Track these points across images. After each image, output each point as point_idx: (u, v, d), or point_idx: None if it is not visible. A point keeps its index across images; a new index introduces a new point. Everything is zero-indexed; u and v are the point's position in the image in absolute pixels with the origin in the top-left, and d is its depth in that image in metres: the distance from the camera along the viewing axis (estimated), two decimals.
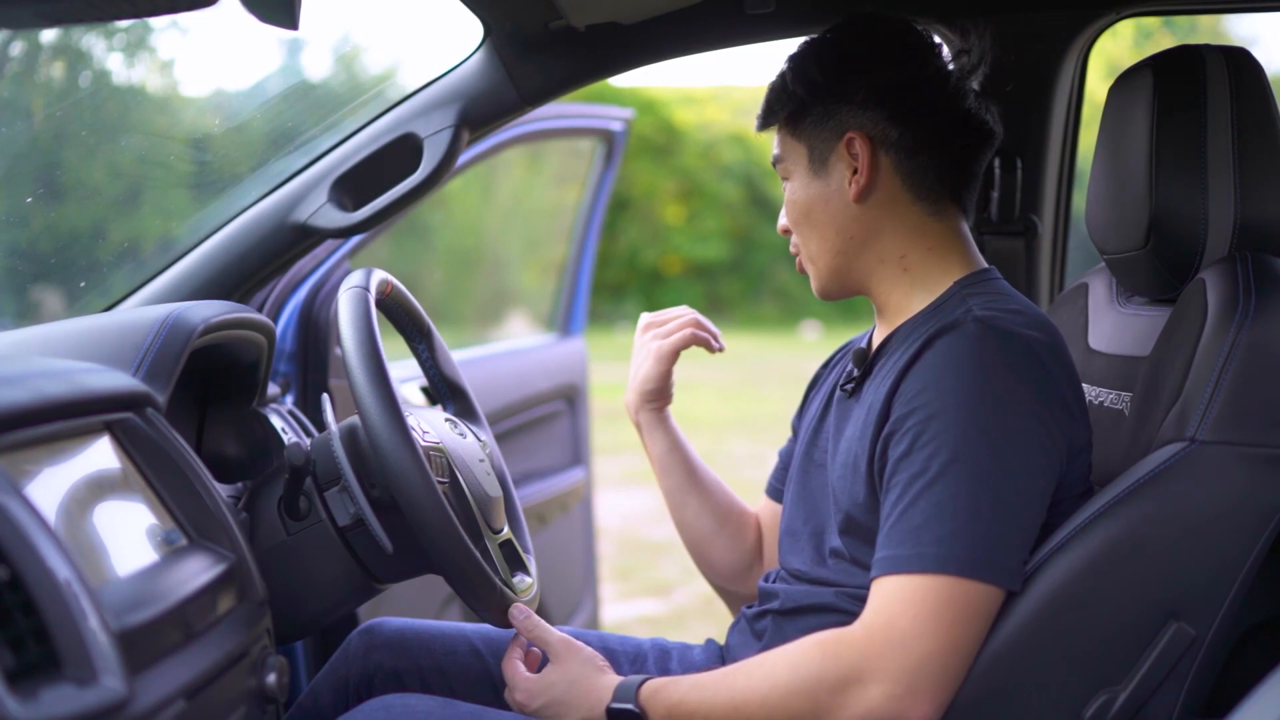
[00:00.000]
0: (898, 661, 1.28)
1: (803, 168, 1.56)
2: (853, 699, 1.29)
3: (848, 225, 1.54)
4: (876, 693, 1.28)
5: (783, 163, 1.60)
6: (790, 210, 1.59)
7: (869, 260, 1.54)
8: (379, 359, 1.41)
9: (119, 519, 1.20)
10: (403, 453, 1.36)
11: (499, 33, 1.81)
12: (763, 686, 1.35)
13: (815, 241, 1.57)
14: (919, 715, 1.28)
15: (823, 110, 1.54)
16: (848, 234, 1.54)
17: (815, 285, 1.61)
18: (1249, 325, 1.30)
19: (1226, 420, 1.29)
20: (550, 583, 3.06)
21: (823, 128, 1.54)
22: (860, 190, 1.51)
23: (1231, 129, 1.44)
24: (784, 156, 1.59)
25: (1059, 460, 1.36)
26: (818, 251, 1.57)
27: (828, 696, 1.30)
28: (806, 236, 1.58)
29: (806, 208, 1.56)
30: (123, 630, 1.00)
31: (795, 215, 1.58)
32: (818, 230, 1.56)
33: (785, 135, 1.59)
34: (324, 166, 1.91)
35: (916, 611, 1.29)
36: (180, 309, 1.48)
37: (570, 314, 3.46)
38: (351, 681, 1.66)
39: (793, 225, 1.59)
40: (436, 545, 1.37)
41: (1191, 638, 1.28)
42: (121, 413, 1.27)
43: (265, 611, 1.32)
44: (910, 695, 1.27)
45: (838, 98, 1.53)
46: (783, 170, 1.60)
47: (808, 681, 1.32)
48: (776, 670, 1.35)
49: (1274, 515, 1.29)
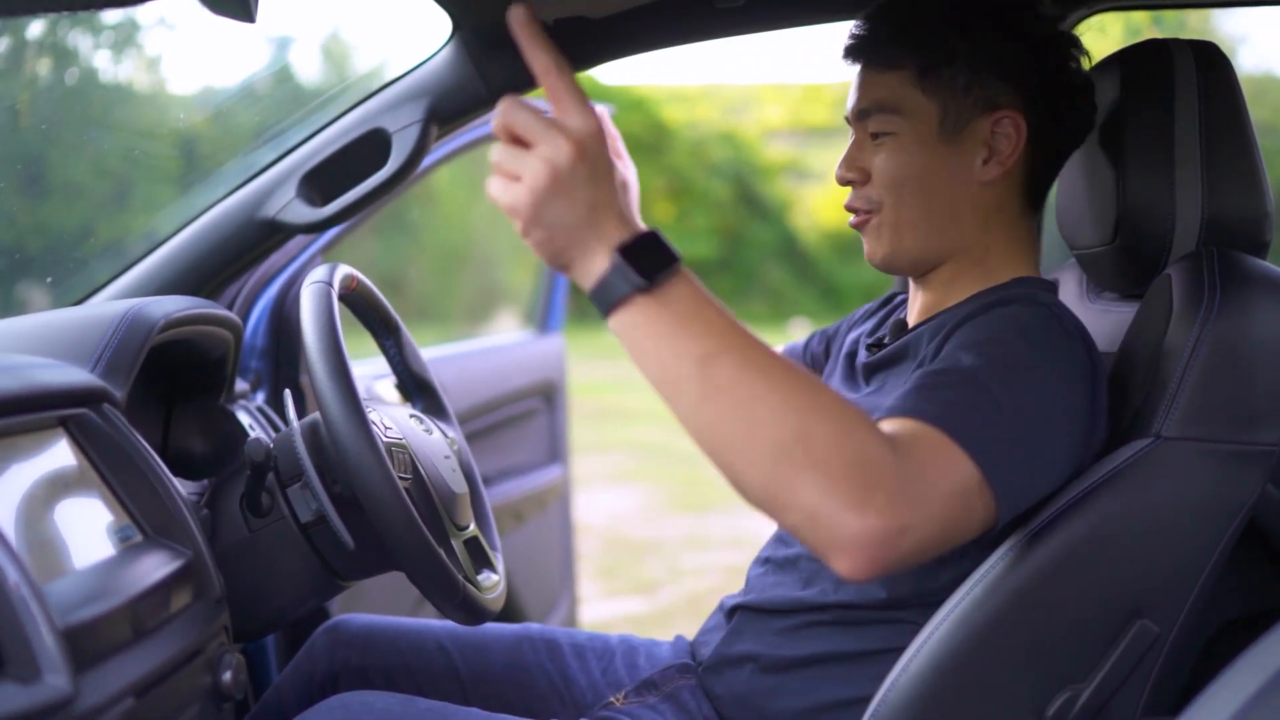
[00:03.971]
0: (907, 513, 1.03)
1: (928, 128, 1.41)
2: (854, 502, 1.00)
3: (961, 204, 1.43)
4: (876, 514, 1.00)
5: (888, 113, 1.42)
6: (896, 169, 1.42)
7: (960, 244, 1.45)
8: (340, 354, 1.40)
9: (73, 515, 1.19)
10: (362, 448, 1.35)
11: (467, 27, 1.80)
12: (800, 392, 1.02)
13: (916, 210, 1.43)
14: (863, 562, 1.01)
15: (971, 73, 1.40)
16: (956, 213, 1.43)
17: (885, 253, 1.46)
18: (1213, 321, 1.29)
19: (1191, 416, 1.28)
20: (527, 581, 3.05)
21: (968, 92, 1.40)
22: (999, 175, 1.41)
23: (1199, 124, 1.43)
24: (898, 106, 1.41)
25: (1080, 446, 1.27)
26: (914, 221, 1.43)
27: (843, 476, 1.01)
28: (905, 202, 1.43)
29: (921, 173, 1.41)
30: (69, 627, 0.99)
31: (900, 178, 1.42)
32: (925, 200, 1.42)
33: (908, 84, 1.41)
34: (292, 161, 1.90)
35: (940, 477, 1.09)
36: (140, 304, 1.47)
37: (548, 311, 3.45)
38: (316, 679, 1.65)
39: (890, 187, 1.43)
40: (397, 541, 1.36)
41: (1155, 635, 1.27)
42: (77, 408, 1.26)
43: (223, 609, 1.31)
44: (881, 537, 1.01)
45: (993, 67, 1.40)
46: (884, 123, 1.42)
47: (848, 444, 1.02)
48: (825, 399, 1.03)
49: (1238, 512, 1.28)
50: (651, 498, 7.03)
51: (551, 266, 1.08)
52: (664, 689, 1.53)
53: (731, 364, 1.01)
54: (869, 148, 1.45)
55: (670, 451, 8.30)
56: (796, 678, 1.44)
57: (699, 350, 1.01)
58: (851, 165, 1.46)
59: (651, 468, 7.87)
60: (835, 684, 1.42)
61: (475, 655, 1.67)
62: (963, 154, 1.42)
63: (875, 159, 1.44)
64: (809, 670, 1.43)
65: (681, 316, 1.02)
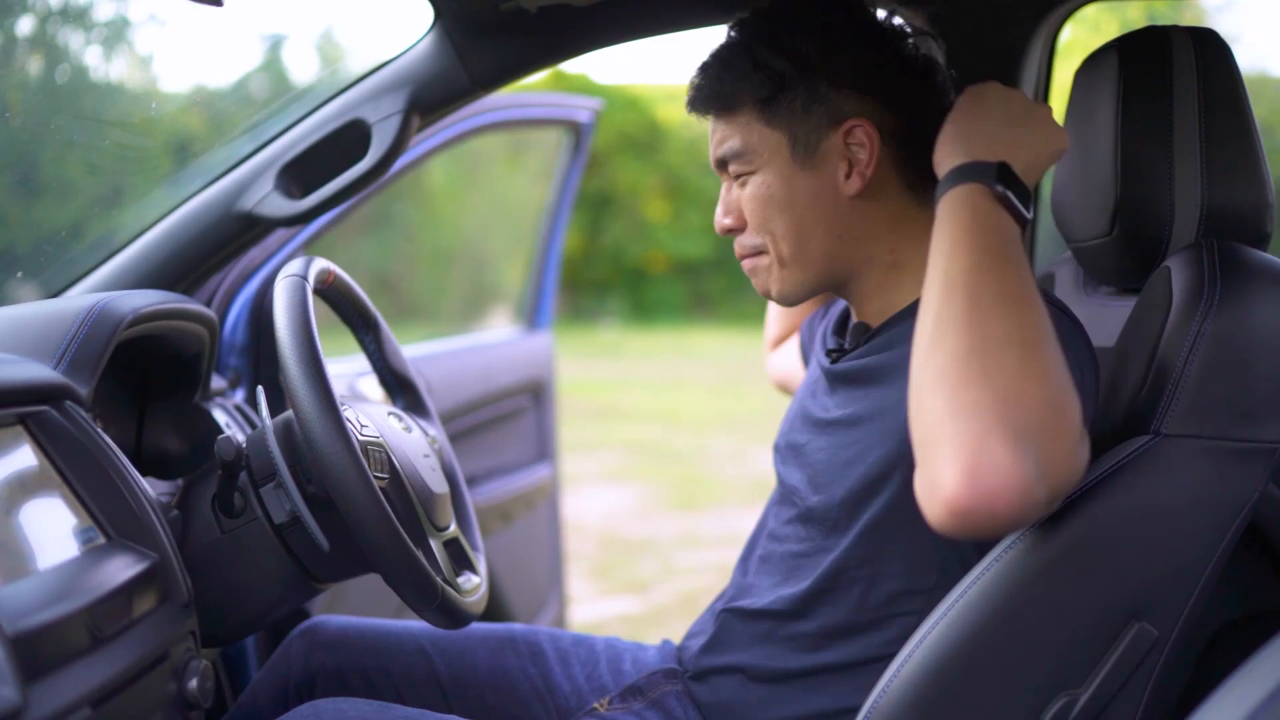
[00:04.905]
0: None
1: (781, 159, 1.40)
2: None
3: (840, 222, 1.41)
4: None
5: (744, 157, 1.42)
6: (760, 208, 1.41)
7: (858, 258, 1.42)
8: (313, 348, 1.35)
9: (34, 517, 1.15)
10: (336, 447, 1.31)
11: (449, 15, 1.76)
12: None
13: (794, 242, 1.41)
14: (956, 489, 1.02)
15: (808, 93, 1.39)
16: (838, 232, 1.41)
17: (781, 289, 1.45)
18: (1214, 314, 1.25)
19: (1191, 413, 1.24)
20: (515, 581, 3.01)
21: (809, 113, 1.39)
22: (864, 184, 1.39)
23: (1199, 112, 1.39)
24: (747, 149, 1.42)
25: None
26: (797, 252, 1.42)
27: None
28: (782, 236, 1.41)
29: (786, 204, 1.40)
30: (19, 634, 0.94)
31: (767, 213, 1.41)
32: (800, 229, 1.41)
33: (752, 121, 1.41)
34: (270, 153, 1.86)
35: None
36: (108, 298, 1.42)
37: (537, 308, 3.41)
38: (292, 682, 1.61)
39: (761, 225, 1.42)
40: (372, 542, 1.32)
41: (1154, 638, 1.23)
42: (38, 406, 1.22)
43: (190, 613, 1.26)
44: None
45: (829, 79, 1.39)
46: (741, 165, 1.43)
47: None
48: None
49: (1240, 511, 1.24)
50: (644, 497, 6.99)
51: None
52: (650, 695, 1.49)
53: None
54: (737, 192, 1.45)
55: (664, 451, 8.26)
56: (786, 688, 1.40)
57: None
58: (726, 212, 1.47)
59: (645, 467, 7.82)
60: (825, 692, 1.38)
61: (457, 658, 1.63)
62: (823, 175, 1.40)
63: (743, 204, 1.44)
64: (798, 681, 1.39)
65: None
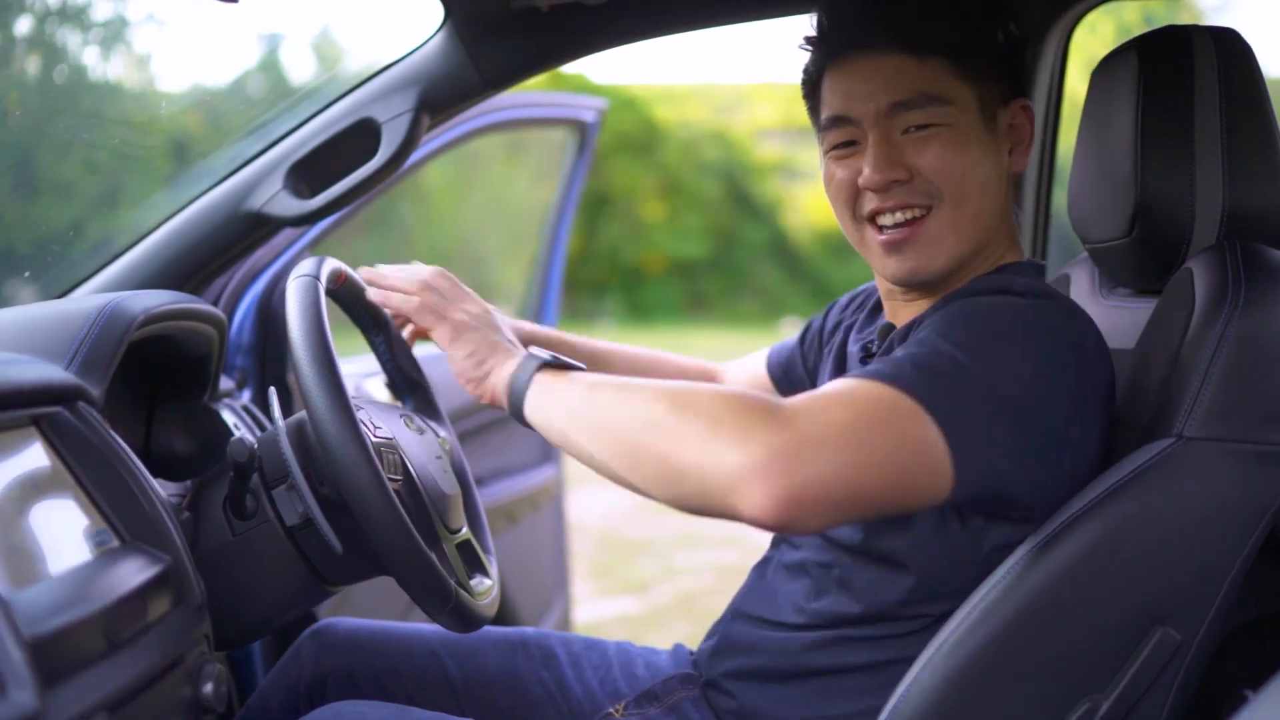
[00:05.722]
0: (800, 430, 1.07)
1: (972, 116, 1.34)
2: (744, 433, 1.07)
3: (999, 198, 1.38)
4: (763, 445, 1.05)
5: (937, 104, 1.33)
6: (952, 165, 1.33)
7: (985, 241, 1.39)
8: (327, 349, 1.34)
9: (47, 520, 1.13)
10: (350, 448, 1.29)
11: (460, 14, 1.75)
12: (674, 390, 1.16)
13: (975, 202, 1.35)
14: (761, 491, 1.05)
15: (997, 62, 1.36)
16: (995, 208, 1.37)
17: (943, 263, 1.36)
18: (1238, 316, 1.24)
19: (1215, 416, 1.23)
20: (520, 583, 3.00)
21: (991, 82, 1.36)
22: (1024, 164, 1.40)
23: (1220, 112, 1.38)
24: (944, 96, 1.33)
25: (1062, 444, 1.21)
26: (970, 220, 1.36)
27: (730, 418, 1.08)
28: (960, 203, 1.34)
29: (977, 162, 1.34)
30: (36, 638, 0.93)
31: (959, 171, 1.33)
32: (983, 191, 1.35)
33: (942, 71, 1.33)
34: (279, 152, 1.85)
35: (851, 404, 1.11)
36: (119, 298, 1.41)
37: (542, 308, 3.39)
38: (303, 685, 1.59)
39: (945, 179, 1.34)
40: (386, 545, 1.30)
41: (1177, 643, 1.22)
42: (51, 407, 1.20)
43: (203, 617, 1.25)
44: (777, 465, 1.05)
45: (1012, 57, 1.39)
46: (931, 113, 1.33)
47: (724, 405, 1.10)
48: (698, 393, 1.14)
49: (1264, 514, 1.23)
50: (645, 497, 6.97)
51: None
52: (666, 700, 1.48)
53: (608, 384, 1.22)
54: (905, 145, 1.36)
55: None
56: (802, 689, 1.39)
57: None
58: (893, 164, 1.35)
59: None
60: (842, 697, 1.36)
61: (468, 661, 1.62)
62: (1000, 145, 1.39)
63: (923, 156, 1.35)
64: (815, 682, 1.38)
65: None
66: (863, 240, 1.43)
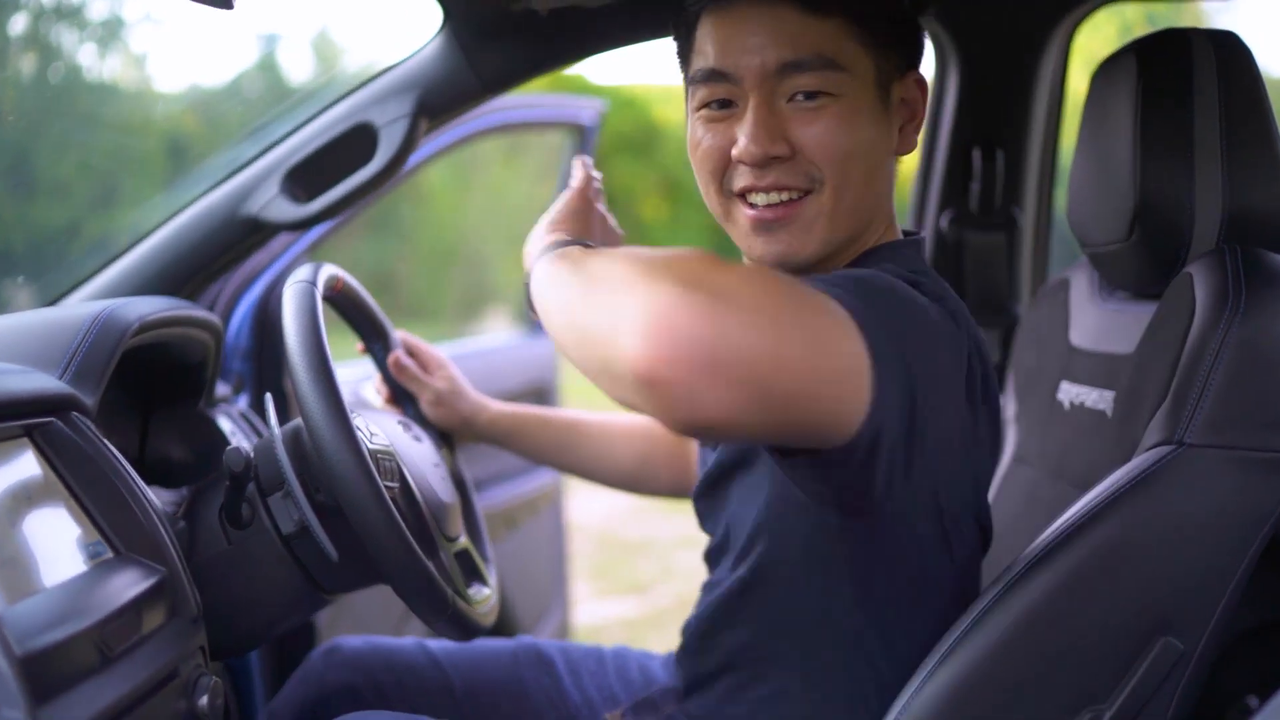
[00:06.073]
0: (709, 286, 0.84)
1: (867, 91, 1.19)
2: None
3: (883, 182, 1.25)
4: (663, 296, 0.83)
5: (831, 70, 1.17)
6: (838, 139, 1.18)
7: (862, 228, 1.26)
8: (323, 356, 1.33)
9: (40, 532, 1.12)
10: (346, 455, 1.28)
11: (458, 17, 1.74)
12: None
13: (849, 197, 1.21)
14: (643, 346, 0.81)
15: (898, 28, 1.23)
16: (878, 193, 1.24)
17: (815, 248, 1.22)
18: (1239, 321, 1.23)
19: (1216, 422, 1.22)
20: (519, 588, 2.99)
21: (891, 52, 1.22)
22: (913, 144, 1.26)
23: (1220, 115, 1.37)
24: (839, 62, 1.17)
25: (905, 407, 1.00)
26: (846, 209, 1.21)
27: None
28: (842, 189, 1.20)
29: (867, 146, 1.20)
30: (28, 654, 0.92)
31: (846, 151, 1.18)
32: (866, 175, 1.21)
33: (841, 35, 1.18)
34: (276, 157, 1.83)
35: (788, 283, 0.90)
36: (113, 305, 1.40)
37: None
38: (309, 703, 1.59)
39: (827, 159, 1.19)
40: (382, 553, 1.30)
41: (1179, 652, 1.21)
42: (44, 417, 1.19)
43: (199, 628, 1.24)
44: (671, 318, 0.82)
45: (912, 23, 1.26)
46: (823, 79, 1.17)
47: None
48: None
49: (1266, 522, 1.22)
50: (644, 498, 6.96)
51: None
52: (664, 710, 1.47)
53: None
54: (789, 116, 1.20)
55: None
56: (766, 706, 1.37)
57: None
58: (772, 136, 1.19)
59: None
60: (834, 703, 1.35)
61: (470, 670, 1.62)
62: (891, 123, 1.24)
63: (808, 132, 1.19)
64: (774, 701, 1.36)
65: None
66: (729, 215, 1.29)
